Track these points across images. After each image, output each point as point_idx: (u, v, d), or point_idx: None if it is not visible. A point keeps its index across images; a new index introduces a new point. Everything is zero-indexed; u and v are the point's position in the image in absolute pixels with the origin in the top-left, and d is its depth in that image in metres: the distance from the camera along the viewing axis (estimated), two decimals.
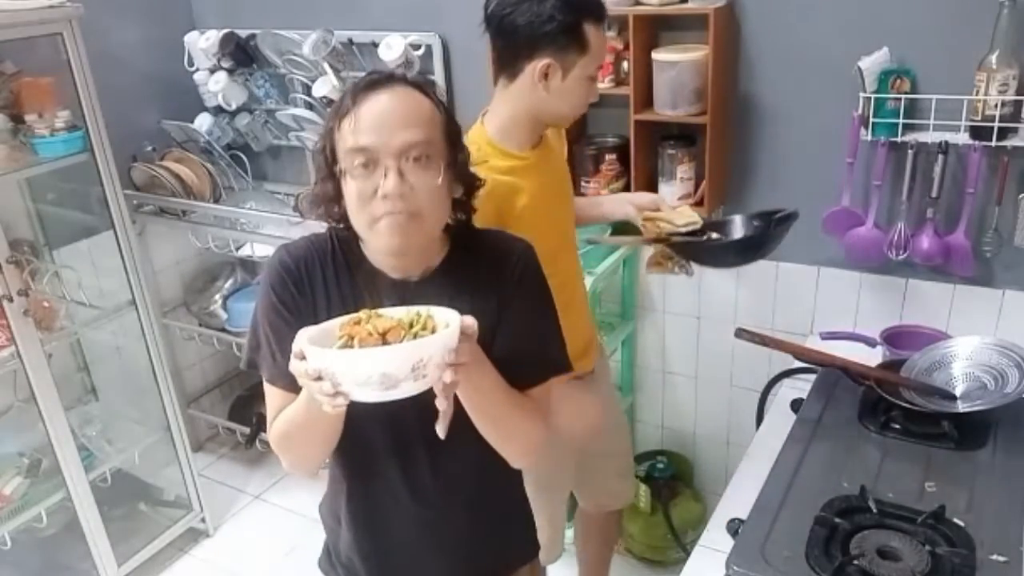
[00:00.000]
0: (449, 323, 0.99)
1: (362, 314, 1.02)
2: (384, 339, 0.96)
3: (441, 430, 1.06)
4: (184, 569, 2.79)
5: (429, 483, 1.26)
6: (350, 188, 1.10)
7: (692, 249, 1.81)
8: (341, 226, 1.19)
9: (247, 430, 3.14)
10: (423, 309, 1.04)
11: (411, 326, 0.99)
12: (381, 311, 1.03)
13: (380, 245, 1.13)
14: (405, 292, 1.18)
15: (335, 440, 1.17)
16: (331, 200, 1.15)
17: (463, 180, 1.19)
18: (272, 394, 1.21)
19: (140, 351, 2.62)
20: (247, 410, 3.21)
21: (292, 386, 1.12)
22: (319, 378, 0.95)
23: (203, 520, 2.88)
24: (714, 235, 1.84)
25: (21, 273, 2.23)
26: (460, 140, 1.18)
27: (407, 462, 1.24)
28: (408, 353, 0.93)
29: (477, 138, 1.61)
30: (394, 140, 1.07)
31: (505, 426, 1.19)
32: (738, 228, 1.88)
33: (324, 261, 1.20)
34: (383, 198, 1.07)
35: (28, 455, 2.53)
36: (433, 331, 0.99)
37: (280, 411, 1.20)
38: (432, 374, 0.96)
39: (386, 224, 1.09)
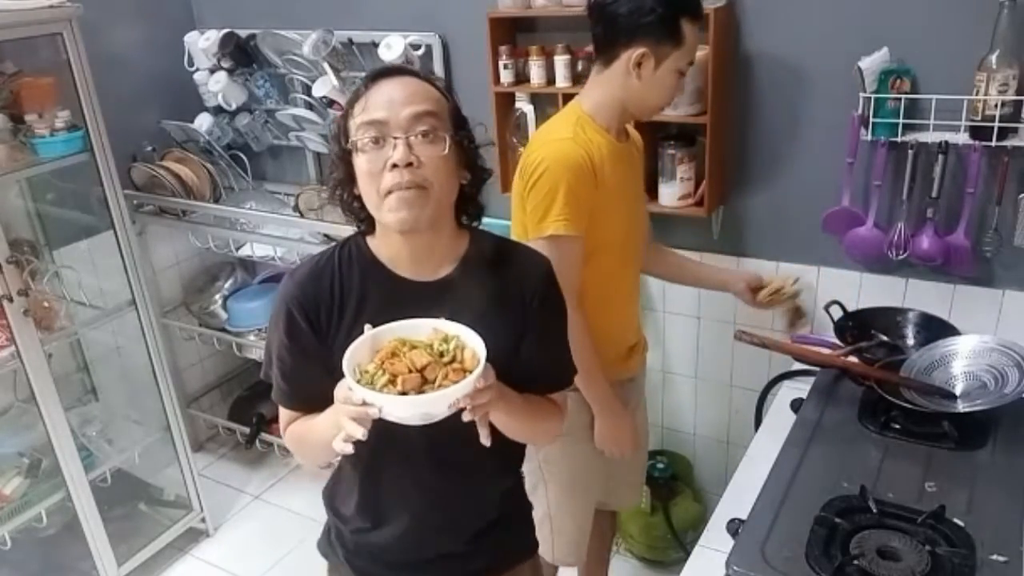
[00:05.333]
0: (476, 353, 1.08)
1: (395, 343, 1.10)
2: (422, 373, 1.06)
3: (484, 438, 1.12)
4: (184, 569, 2.79)
5: (432, 484, 1.29)
6: (361, 163, 1.16)
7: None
8: (360, 217, 1.24)
9: (247, 430, 3.14)
10: (449, 330, 1.12)
11: (442, 356, 1.09)
12: (408, 334, 1.12)
13: (390, 220, 1.16)
14: (423, 293, 1.21)
15: None
16: (345, 183, 1.21)
17: (470, 167, 1.23)
18: (281, 408, 1.32)
19: (140, 351, 2.62)
20: (247, 410, 3.21)
21: (299, 405, 1.28)
22: (364, 403, 1.04)
23: (203, 520, 2.88)
24: (883, 337, 1.92)
25: (21, 273, 2.23)
26: (466, 124, 1.23)
27: (412, 466, 1.27)
28: (445, 397, 1.04)
29: (571, 112, 1.72)
30: (402, 113, 1.13)
31: (529, 430, 1.30)
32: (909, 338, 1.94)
33: (334, 279, 1.23)
34: (391, 168, 1.12)
35: (28, 455, 2.53)
36: (460, 359, 1.08)
37: (292, 419, 1.31)
38: (463, 404, 1.06)
39: (395, 198, 1.13)
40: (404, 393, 1.04)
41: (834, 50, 1.97)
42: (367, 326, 1.12)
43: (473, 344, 1.10)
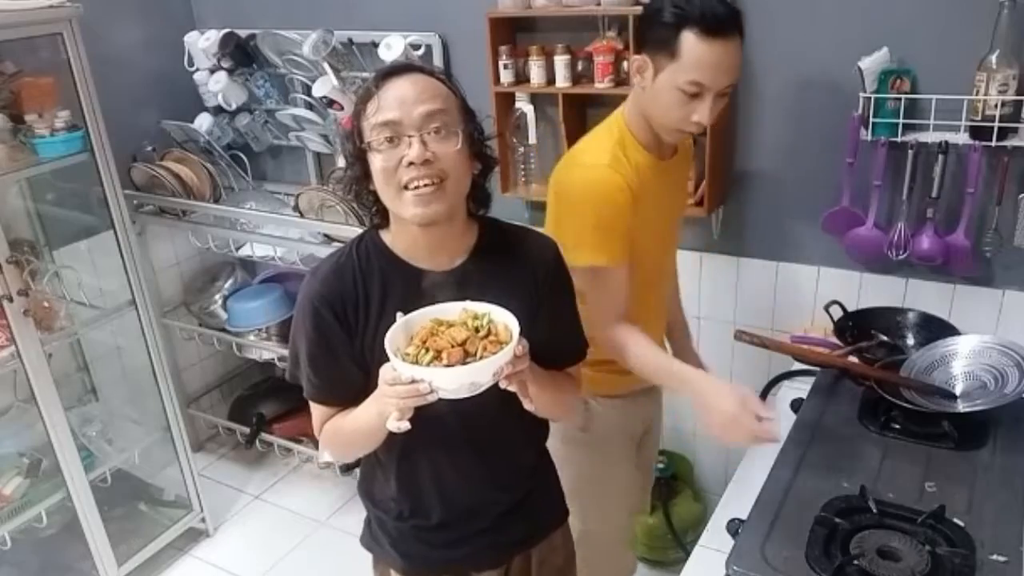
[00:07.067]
0: (508, 324, 1.15)
1: (432, 324, 1.16)
2: (463, 347, 1.12)
3: (528, 404, 1.21)
4: (184, 569, 2.79)
5: (466, 463, 1.35)
6: (376, 162, 1.20)
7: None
8: (373, 210, 1.29)
9: (247, 430, 3.14)
10: (478, 309, 1.18)
11: (477, 331, 1.15)
12: (440, 315, 1.18)
13: (409, 214, 1.21)
14: (440, 283, 1.27)
15: (383, 440, 1.28)
16: (360, 180, 1.25)
17: (480, 158, 1.28)
18: (314, 406, 1.35)
19: (140, 351, 2.62)
20: (247, 410, 3.21)
21: (335, 399, 1.32)
22: (413, 381, 1.10)
23: (203, 520, 2.88)
24: (883, 337, 1.89)
25: (21, 273, 2.23)
26: (475, 117, 1.26)
27: (446, 447, 1.33)
28: (491, 365, 1.11)
29: (614, 126, 1.62)
30: (415, 111, 1.17)
31: (554, 402, 1.35)
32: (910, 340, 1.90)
33: (356, 274, 1.27)
34: (408, 165, 1.17)
35: (28, 455, 2.53)
36: (494, 332, 1.15)
37: (325, 419, 1.34)
38: (506, 371, 1.14)
39: (414, 195, 1.18)
40: (450, 366, 1.10)
41: (834, 50, 1.97)
42: (399, 314, 1.17)
43: (504, 318, 1.16)
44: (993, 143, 1.79)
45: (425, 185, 1.17)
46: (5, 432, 2.58)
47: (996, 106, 1.76)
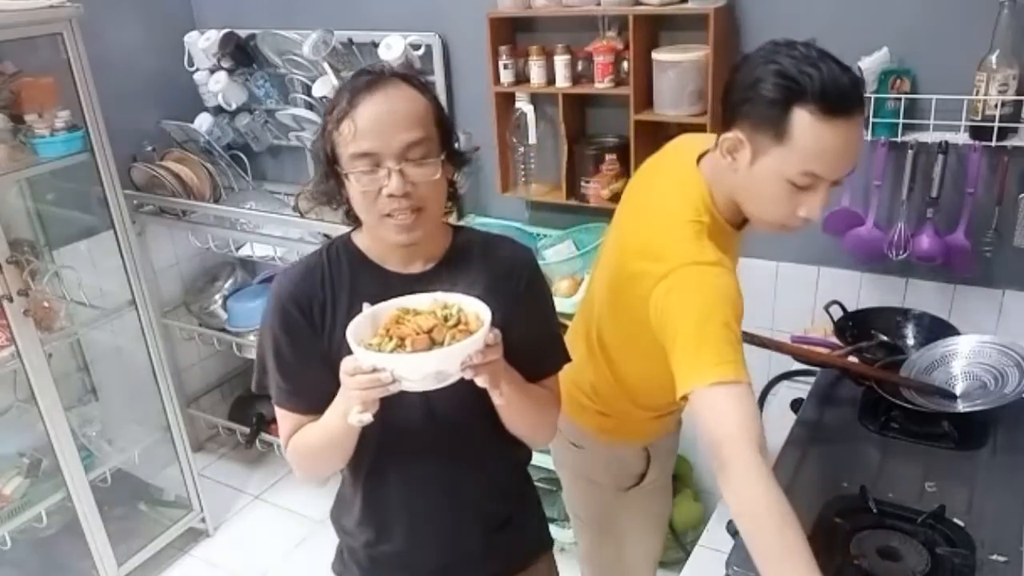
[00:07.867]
0: (480, 314, 1.09)
1: (398, 311, 1.12)
2: (430, 335, 1.06)
3: (498, 397, 1.14)
4: (184, 569, 2.79)
5: (439, 484, 1.29)
6: (355, 188, 1.16)
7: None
8: (347, 214, 1.25)
9: (247, 430, 3.14)
10: (448, 299, 1.13)
11: (446, 320, 1.09)
12: (408, 304, 1.13)
13: (390, 239, 1.19)
14: (412, 284, 1.23)
15: (352, 451, 1.23)
16: (333, 194, 1.22)
17: (456, 163, 1.25)
18: (283, 415, 1.28)
19: (140, 351, 2.63)
20: (247, 410, 3.21)
21: (300, 406, 1.26)
22: (374, 370, 1.04)
23: (203, 520, 2.88)
24: (883, 337, 1.85)
25: (21, 273, 2.23)
26: (451, 126, 1.23)
27: (417, 466, 1.28)
28: (458, 352, 1.04)
29: (697, 197, 1.34)
30: (394, 142, 1.13)
31: (534, 413, 1.29)
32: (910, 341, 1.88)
33: (324, 276, 1.25)
34: (389, 197, 1.14)
35: (28, 455, 2.53)
36: (464, 321, 1.09)
37: (293, 430, 1.27)
38: (475, 360, 1.07)
39: (393, 222, 1.16)
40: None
41: (834, 50, 1.95)
42: (365, 304, 1.13)
43: (475, 307, 1.11)
44: (993, 143, 1.79)
45: (406, 212, 1.14)
46: (5, 432, 2.58)
47: (996, 106, 1.76)
